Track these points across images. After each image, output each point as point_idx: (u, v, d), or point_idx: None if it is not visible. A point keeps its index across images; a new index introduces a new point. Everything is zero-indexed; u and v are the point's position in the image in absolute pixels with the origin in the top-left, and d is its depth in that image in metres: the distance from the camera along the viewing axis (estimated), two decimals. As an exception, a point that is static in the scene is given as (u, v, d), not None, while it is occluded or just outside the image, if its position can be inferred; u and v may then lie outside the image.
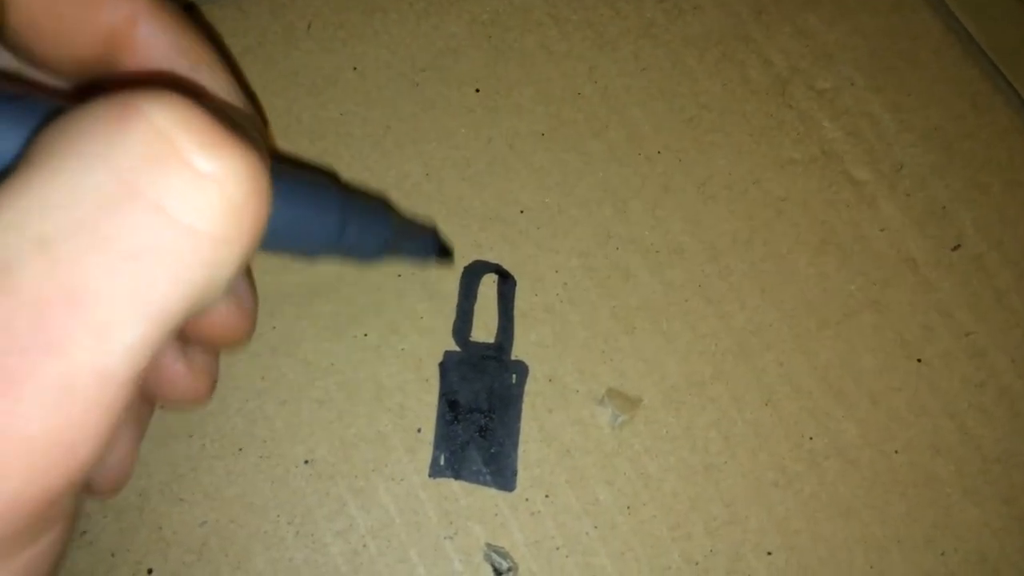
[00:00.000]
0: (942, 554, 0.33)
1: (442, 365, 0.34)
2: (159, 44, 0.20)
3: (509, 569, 0.32)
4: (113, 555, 0.31)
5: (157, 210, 0.13)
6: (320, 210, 0.25)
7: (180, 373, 0.24)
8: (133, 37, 0.19)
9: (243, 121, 0.18)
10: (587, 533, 0.32)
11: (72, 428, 0.13)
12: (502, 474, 0.33)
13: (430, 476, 0.33)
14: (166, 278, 0.13)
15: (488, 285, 0.35)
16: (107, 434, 0.13)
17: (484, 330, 0.34)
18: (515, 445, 0.33)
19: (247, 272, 0.26)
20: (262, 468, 0.32)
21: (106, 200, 0.13)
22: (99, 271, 0.13)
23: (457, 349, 0.34)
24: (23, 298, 0.12)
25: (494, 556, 0.32)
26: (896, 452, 0.34)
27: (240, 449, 0.32)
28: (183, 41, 0.20)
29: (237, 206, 0.14)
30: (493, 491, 0.33)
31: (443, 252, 0.34)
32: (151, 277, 0.13)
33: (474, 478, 0.33)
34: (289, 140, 0.36)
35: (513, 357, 0.34)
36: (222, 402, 0.33)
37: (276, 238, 0.23)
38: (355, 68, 0.37)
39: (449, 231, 0.35)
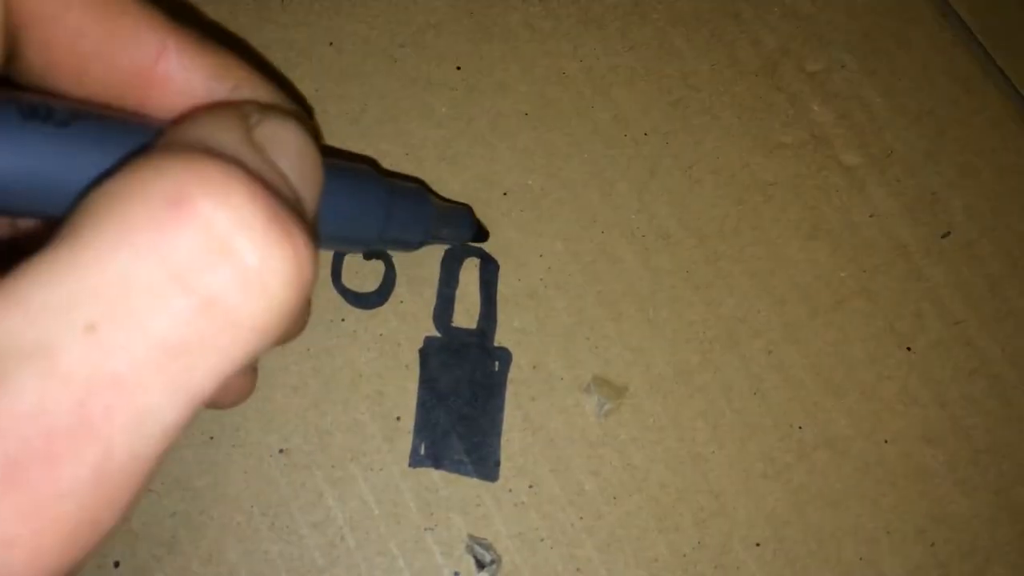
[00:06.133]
0: (932, 545, 0.34)
1: (422, 351, 0.34)
2: (194, 74, 0.20)
3: (492, 561, 0.32)
4: (77, 548, 0.31)
5: (205, 306, 0.14)
6: (367, 203, 0.26)
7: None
8: (164, 71, 0.20)
9: (295, 116, 0.19)
10: (572, 524, 0.33)
11: (103, 506, 0.14)
12: (484, 464, 0.33)
13: (410, 466, 0.33)
14: (206, 368, 0.14)
15: (470, 270, 0.35)
16: (132, 504, 0.15)
17: (466, 316, 0.35)
18: (498, 434, 0.34)
19: None
20: (235, 458, 0.33)
21: (156, 293, 0.13)
22: (143, 361, 0.13)
23: (438, 335, 0.34)
24: (67, 382, 0.13)
25: (476, 548, 0.32)
26: (886, 442, 0.35)
27: (211, 438, 0.33)
28: (218, 66, 0.21)
29: (281, 303, 0.15)
30: (475, 481, 0.33)
31: (479, 233, 0.35)
32: (192, 368, 0.14)
33: (455, 468, 0.33)
34: (262, 117, 0.36)
35: (496, 344, 0.35)
36: (192, 389, 0.33)
37: (325, 234, 0.24)
38: (331, 43, 0.37)
39: (429, 213, 0.36)
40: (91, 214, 0.14)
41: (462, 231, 0.34)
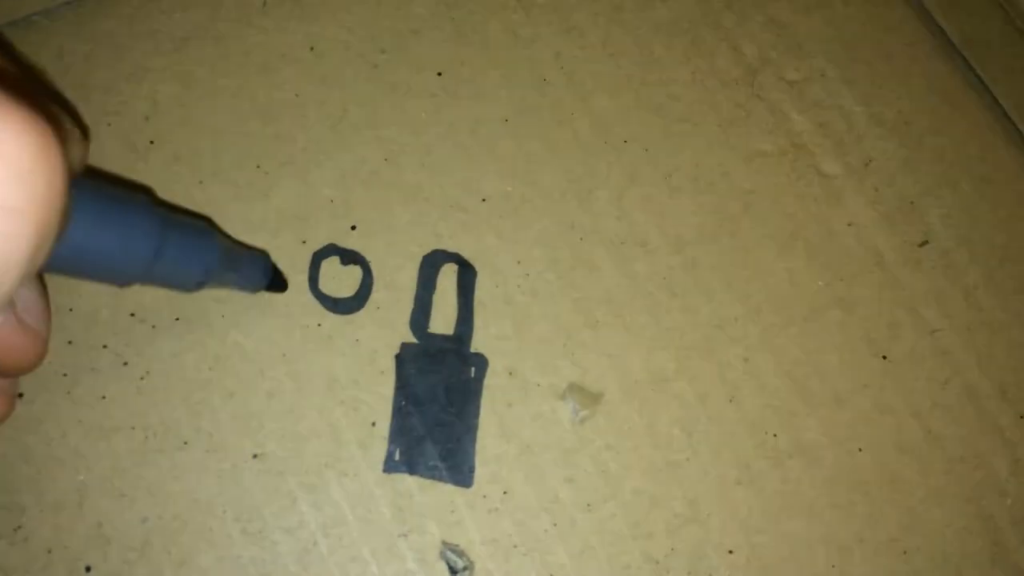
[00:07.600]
0: (904, 553, 0.35)
1: (398, 357, 0.34)
2: None
3: (465, 568, 0.33)
4: (50, 552, 0.31)
5: None
6: (133, 231, 0.24)
7: None
8: None
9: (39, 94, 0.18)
10: (546, 531, 0.33)
11: None
12: (459, 470, 0.34)
13: (384, 471, 0.33)
14: None
15: (447, 275, 0.36)
16: None
17: (443, 322, 0.35)
18: (473, 440, 0.34)
19: (39, 288, 0.25)
20: (208, 463, 0.33)
21: None
22: None
23: (414, 341, 0.35)
24: None
25: (450, 554, 0.33)
26: (860, 451, 0.35)
27: (185, 443, 0.33)
28: None
29: (24, 173, 0.14)
30: (449, 487, 0.33)
31: (276, 282, 0.34)
32: None
33: (430, 474, 0.33)
34: (241, 122, 0.36)
35: (472, 350, 0.35)
36: (166, 393, 0.33)
37: (80, 259, 0.22)
38: (312, 48, 0.38)
39: (408, 219, 0.36)
40: None
41: (254, 278, 0.33)
